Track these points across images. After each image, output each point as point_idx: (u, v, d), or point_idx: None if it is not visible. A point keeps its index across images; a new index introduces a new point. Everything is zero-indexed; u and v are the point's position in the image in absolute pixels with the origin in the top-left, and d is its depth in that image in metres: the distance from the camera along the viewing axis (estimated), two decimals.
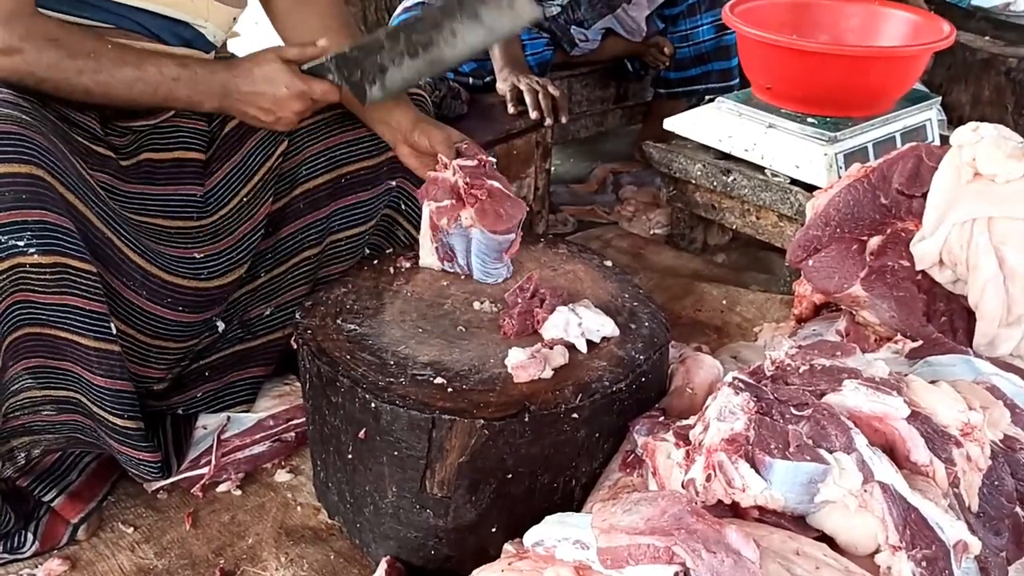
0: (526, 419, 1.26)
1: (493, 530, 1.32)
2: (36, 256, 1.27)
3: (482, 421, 1.25)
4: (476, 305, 1.50)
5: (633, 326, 1.46)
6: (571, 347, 1.38)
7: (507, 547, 1.19)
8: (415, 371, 1.33)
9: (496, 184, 1.54)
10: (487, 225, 1.50)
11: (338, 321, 1.45)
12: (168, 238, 1.53)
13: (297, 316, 1.48)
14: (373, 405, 1.29)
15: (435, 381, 1.31)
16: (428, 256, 1.60)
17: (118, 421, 1.40)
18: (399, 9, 2.64)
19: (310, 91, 1.53)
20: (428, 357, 1.36)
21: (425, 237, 1.58)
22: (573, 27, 2.72)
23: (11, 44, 1.37)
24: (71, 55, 1.40)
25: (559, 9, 2.68)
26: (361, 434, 1.32)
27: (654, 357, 1.41)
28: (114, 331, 1.37)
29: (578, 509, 1.34)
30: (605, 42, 2.81)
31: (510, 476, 1.30)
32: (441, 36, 1.48)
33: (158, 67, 1.46)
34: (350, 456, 1.37)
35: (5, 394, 1.36)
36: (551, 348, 1.36)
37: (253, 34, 1.76)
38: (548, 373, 1.33)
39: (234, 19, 1.68)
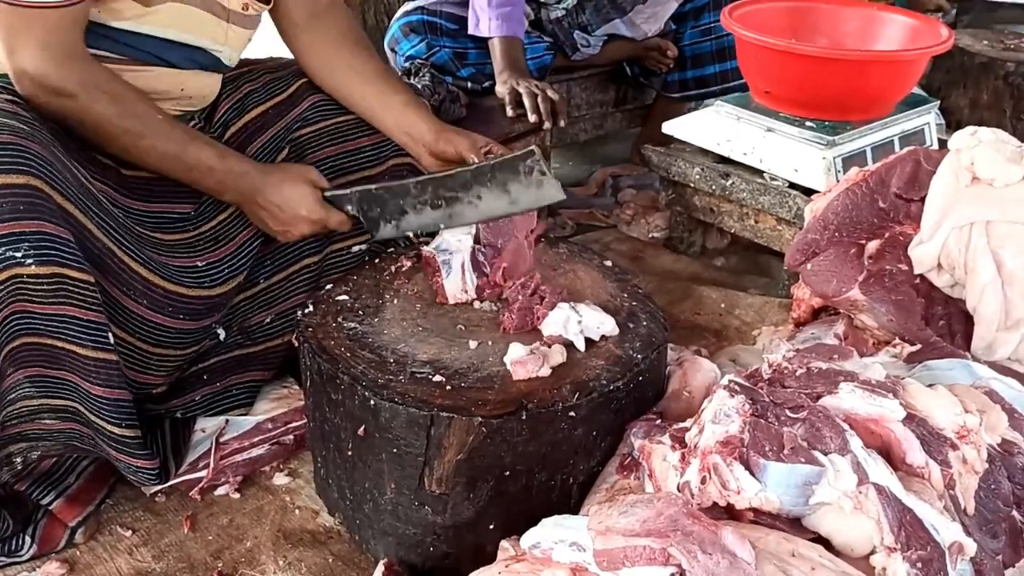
0: (524, 417, 1.27)
1: (491, 527, 1.33)
2: (34, 267, 1.27)
3: (480, 419, 1.26)
4: (476, 304, 1.50)
5: (632, 325, 1.46)
6: (570, 345, 1.39)
7: (504, 544, 1.20)
8: (414, 369, 1.34)
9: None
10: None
11: (339, 319, 1.46)
12: (169, 249, 1.53)
13: (298, 314, 1.49)
14: (372, 402, 1.29)
15: (434, 379, 1.32)
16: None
17: (115, 430, 1.40)
18: (399, 13, 2.64)
19: (327, 222, 1.58)
20: (427, 355, 1.37)
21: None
22: (576, 32, 2.72)
23: (66, 88, 1.40)
24: (121, 115, 1.44)
25: (563, 13, 2.68)
26: (360, 431, 1.33)
27: (652, 356, 1.41)
28: (111, 341, 1.37)
29: (575, 507, 1.35)
30: (607, 46, 2.81)
31: (508, 474, 1.30)
32: (467, 196, 1.52)
33: (198, 154, 1.50)
34: (350, 453, 1.38)
35: (4, 403, 1.36)
36: (550, 346, 1.37)
37: (261, 39, 1.77)
38: (546, 371, 1.33)
39: (248, 39, 1.69)
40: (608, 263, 1.66)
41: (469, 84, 2.51)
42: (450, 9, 2.55)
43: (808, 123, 2.13)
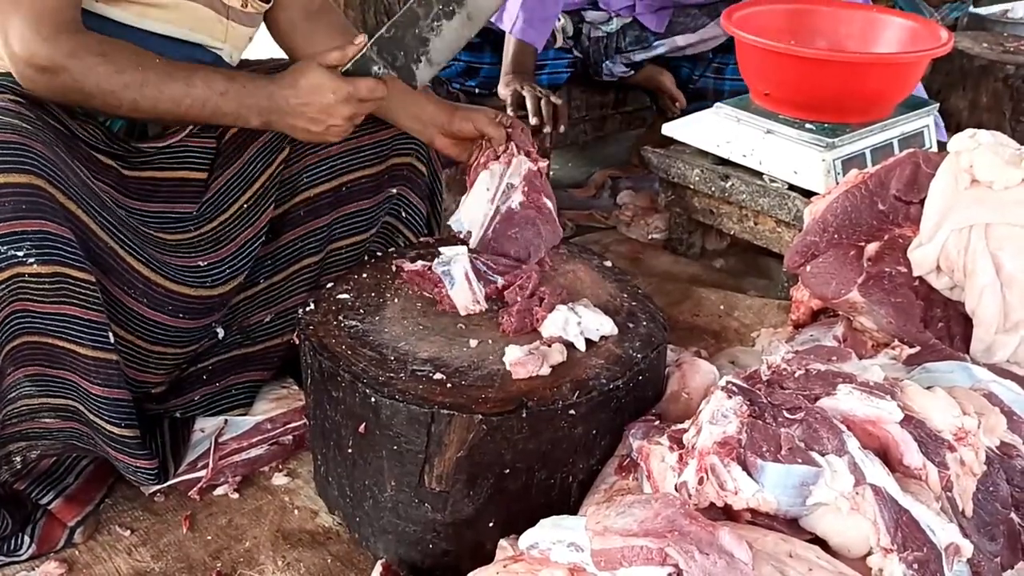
0: (524, 415, 1.27)
1: (490, 525, 1.33)
2: (35, 266, 1.28)
3: (480, 416, 1.26)
4: None
5: (631, 325, 1.47)
6: (570, 345, 1.39)
7: (503, 544, 1.20)
8: (415, 367, 1.35)
9: (548, 203, 1.63)
10: None
11: (340, 318, 1.46)
12: (171, 248, 1.54)
13: (299, 312, 1.49)
14: (373, 400, 1.30)
15: (434, 377, 1.32)
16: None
17: (115, 430, 1.40)
18: None
19: (356, 91, 1.48)
20: (428, 353, 1.38)
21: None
22: (606, 62, 2.71)
23: (57, 62, 1.36)
24: (118, 70, 1.39)
25: (603, 35, 2.68)
26: (361, 428, 1.34)
27: (652, 356, 1.42)
28: (112, 340, 1.37)
29: (575, 506, 1.35)
30: (629, 78, 2.80)
31: (507, 472, 1.30)
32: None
33: (206, 82, 1.44)
34: (350, 450, 1.38)
35: (4, 401, 1.36)
36: (550, 345, 1.37)
37: (263, 41, 1.78)
38: (546, 370, 1.34)
39: (249, 38, 1.69)
40: (608, 264, 1.67)
41: (476, 91, 2.52)
42: None
43: (808, 125, 2.13)
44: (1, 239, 1.25)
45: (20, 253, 1.26)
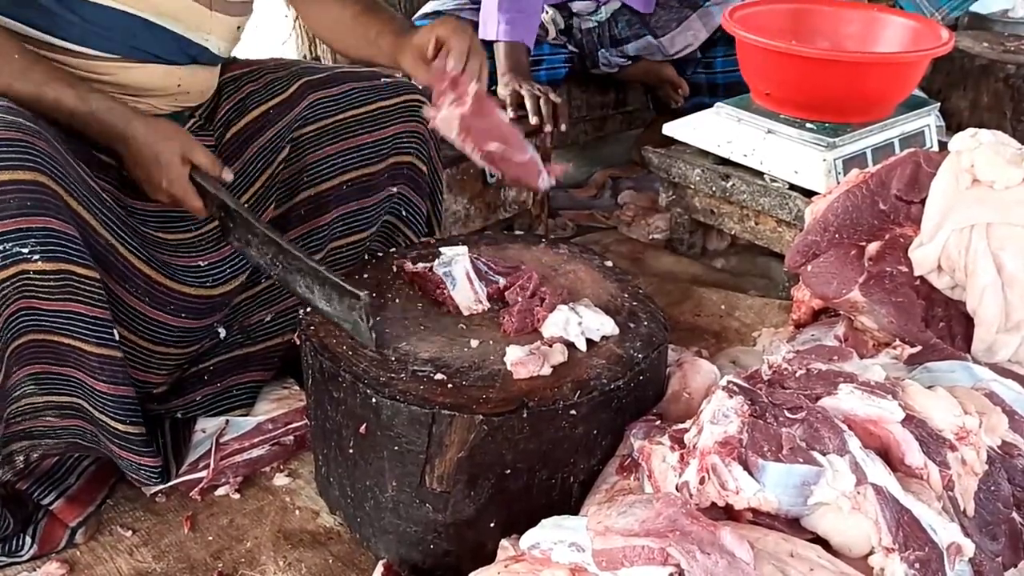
0: (525, 415, 1.27)
1: (491, 525, 1.33)
2: (40, 263, 1.27)
3: (481, 416, 1.26)
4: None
5: (632, 325, 1.47)
6: (571, 345, 1.39)
7: (504, 544, 1.20)
8: (416, 367, 1.34)
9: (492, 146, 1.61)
10: None
11: None
12: (172, 248, 1.54)
13: (300, 313, 1.49)
14: (374, 400, 1.30)
15: (435, 377, 1.32)
16: None
17: (120, 426, 1.40)
18: (419, 14, 2.64)
19: (183, 201, 1.48)
20: (429, 354, 1.38)
21: None
22: (601, 50, 2.71)
23: None
24: None
25: (595, 24, 2.68)
26: (362, 429, 1.33)
27: (652, 356, 1.41)
28: (116, 337, 1.37)
29: (576, 506, 1.35)
30: (626, 69, 2.80)
31: (508, 472, 1.30)
32: (299, 279, 1.46)
33: (57, 97, 1.38)
34: (351, 451, 1.38)
35: (7, 400, 1.36)
36: (550, 346, 1.37)
37: (254, 37, 1.78)
38: (547, 370, 1.33)
39: (238, 28, 1.68)
40: (609, 264, 1.66)
41: None
42: (469, 16, 2.55)
43: (808, 125, 2.13)
44: (6, 236, 1.25)
45: (25, 250, 1.26)
